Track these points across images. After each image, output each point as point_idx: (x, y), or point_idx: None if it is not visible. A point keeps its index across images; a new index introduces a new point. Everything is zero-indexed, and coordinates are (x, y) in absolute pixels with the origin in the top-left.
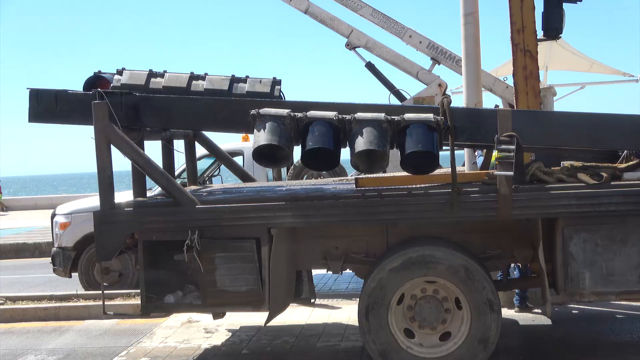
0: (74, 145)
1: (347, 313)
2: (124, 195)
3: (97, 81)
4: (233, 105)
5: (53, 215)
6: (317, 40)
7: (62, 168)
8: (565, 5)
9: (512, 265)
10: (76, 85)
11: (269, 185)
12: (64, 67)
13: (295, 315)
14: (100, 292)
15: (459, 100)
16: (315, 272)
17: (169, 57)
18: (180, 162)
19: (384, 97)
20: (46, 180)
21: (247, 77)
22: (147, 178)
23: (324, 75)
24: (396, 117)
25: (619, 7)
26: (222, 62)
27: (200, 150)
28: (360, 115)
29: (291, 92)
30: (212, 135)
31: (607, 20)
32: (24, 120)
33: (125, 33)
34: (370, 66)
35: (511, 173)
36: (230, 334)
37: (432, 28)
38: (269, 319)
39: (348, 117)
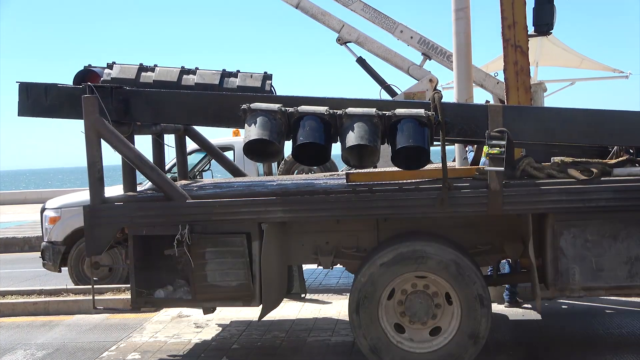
0: (64, 140)
1: (337, 308)
2: (114, 190)
3: (87, 75)
4: (224, 99)
5: (42, 210)
6: (308, 35)
7: (52, 162)
8: (556, 1)
9: (503, 260)
10: (68, 80)
11: (259, 180)
12: (61, 63)
13: (285, 310)
14: (90, 286)
15: (449, 96)
16: (305, 267)
17: (160, 50)
18: (170, 156)
19: (375, 92)
20: (37, 175)
21: (238, 71)
22: (138, 172)
23: (315, 70)
24: (387, 112)
25: (610, 4)
26: (213, 57)
27: (190, 144)
28: (351, 110)
29: (282, 87)
30: (202, 130)
31: (598, 16)
32: (15, 114)
33: (117, 25)
34: (361, 61)
35: (502, 168)
36: (220, 328)
37: (423, 23)
38: (263, 314)
39: (339, 112)
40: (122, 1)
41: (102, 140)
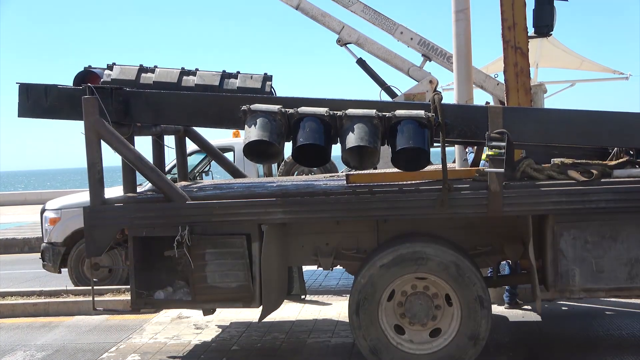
0: (63, 141)
1: (337, 309)
2: (114, 191)
3: (87, 76)
4: (224, 101)
5: (42, 211)
6: (308, 37)
7: (52, 163)
8: (556, 3)
9: (503, 261)
10: (68, 81)
11: (259, 181)
12: (57, 63)
13: (285, 311)
14: (90, 287)
15: (450, 97)
16: (305, 268)
17: (160, 50)
18: (170, 157)
19: (375, 93)
20: (36, 176)
21: (238, 72)
22: (138, 174)
23: (315, 71)
24: (387, 114)
25: (610, 5)
26: (213, 58)
27: (190, 146)
28: (351, 111)
29: (282, 88)
30: (202, 131)
31: (598, 18)
32: (15, 115)
33: (117, 28)
34: (361, 62)
35: (502, 170)
36: (220, 330)
37: (423, 25)
38: (263, 315)
39: (339, 113)
40: (122, 1)
41: (102, 142)
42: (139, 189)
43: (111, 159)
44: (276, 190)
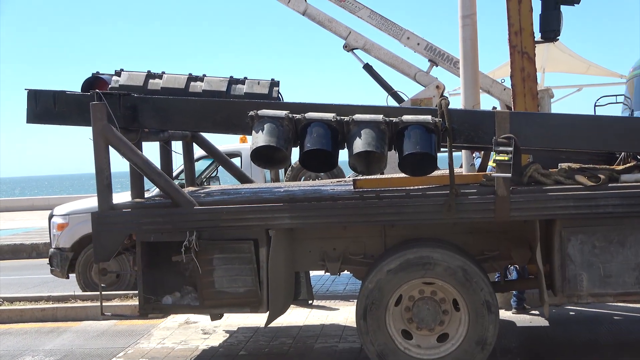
0: (72, 146)
1: (344, 314)
2: (122, 197)
3: (95, 82)
4: (231, 106)
5: (50, 216)
6: (315, 42)
7: (60, 169)
8: (562, 8)
9: (510, 266)
10: (76, 87)
11: (266, 187)
12: (64, 69)
13: (293, 316)
14: (98, 293)
15: (456, 102)
16: (313, 273)
17: (167, 57)
18: (178, 163)
19: (382, 98)
20: (43, 181)
21: (246, 78)
22: (145, 179)
23: (322, 76)
24: (394, 119)
25: (616, 10)
26: (220, 64)
27: (198, 151)
28: (358, 116)
29: (289, 94)
30: (210, 137)
31: (604, 22)
32: (22, 121)
33: (125, 34)
34: (368, 68)
35: (509, 175)
36: (227, 335)
37: (430, 30)
38: (270, 320)
39: (346, 118)
40: (130, 7)
41: (110, 147)
42: (146, 195)
43: (119, 164)
44: (283, 196)
